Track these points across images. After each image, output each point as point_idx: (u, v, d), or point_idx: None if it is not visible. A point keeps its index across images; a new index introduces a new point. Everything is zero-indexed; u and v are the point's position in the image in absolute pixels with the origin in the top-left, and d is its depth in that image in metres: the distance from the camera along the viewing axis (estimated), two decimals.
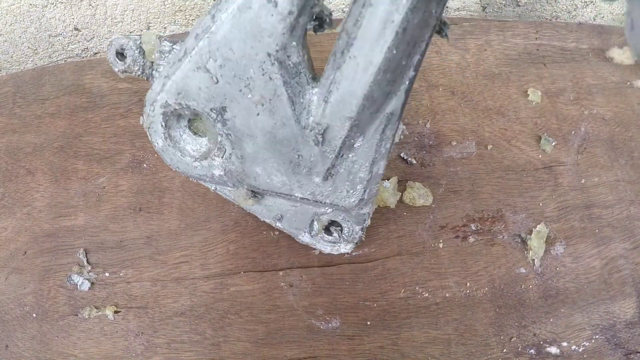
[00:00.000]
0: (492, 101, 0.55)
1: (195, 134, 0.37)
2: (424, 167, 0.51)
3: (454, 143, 0.52)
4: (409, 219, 0.49)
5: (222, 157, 0.37)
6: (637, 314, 0.46)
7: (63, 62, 0.66)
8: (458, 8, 0.66)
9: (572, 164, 0.52)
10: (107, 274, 0.47)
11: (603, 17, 0.68)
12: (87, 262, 0.48)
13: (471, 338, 0.45)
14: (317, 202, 0.39)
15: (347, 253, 0.46)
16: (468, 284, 0.47)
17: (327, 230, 0.43)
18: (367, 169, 0.36)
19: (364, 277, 0.47)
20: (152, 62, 0.36)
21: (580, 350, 0.45)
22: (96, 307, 0.46)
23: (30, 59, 0.65)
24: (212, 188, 0.41)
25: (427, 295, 0.46)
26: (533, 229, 0.48)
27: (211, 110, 0.34)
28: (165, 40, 0.35)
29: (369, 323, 0.46)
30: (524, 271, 0.47)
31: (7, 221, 0.50)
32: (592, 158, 0.52)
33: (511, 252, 0.48)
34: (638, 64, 0.57)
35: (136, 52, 0.36)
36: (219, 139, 0.36)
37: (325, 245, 0.44)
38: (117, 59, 0.37)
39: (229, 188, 0.40)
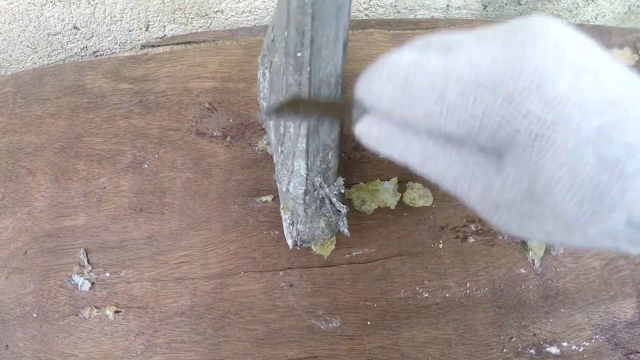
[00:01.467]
0: None
1: None
2: None
3: None
4: (409, 219, 0.49)
5: None
6: (637, 314, 0.46)
7: (62, 61, 0.66)
8: (459, 7, 0.66)
9: None
10: (107, 274, 0.47)
11: (605, 15, 0.67)
12: (88, 262, 0.48)
13: (471, 338, 0.45)
14: (280, 143, 0.42)
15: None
16: (468, 284, 0.47)
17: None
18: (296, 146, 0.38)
19: (364, 277, 0.47)
20: None
21: (580, 350, 0.45)
22: (97, 307, 0.46)
23: (29, 58, 0.65)
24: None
25: (427, 295, 0.46)
26: None
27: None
28: None
29: (369, 323, 0.46)
30: (524, 271, 0.47)
31: (7, 221, 0.50)
32: None
33: (511, 253, 0.48)
34: (638, 64, 0.57)
35: None
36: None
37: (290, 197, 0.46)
38: None
39: None
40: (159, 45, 0.59)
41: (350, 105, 0.27)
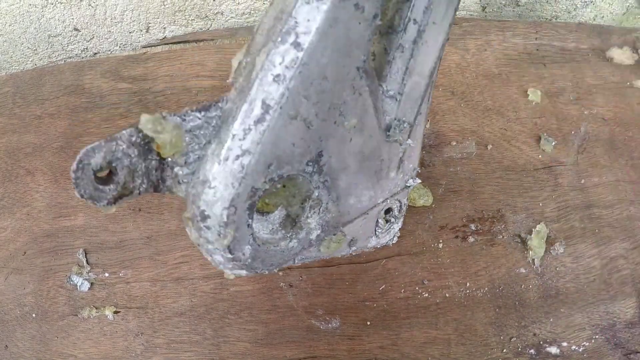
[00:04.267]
0: (492, 101, 0.55)
1: (263, 214, 0.30)
2: (424, 167, 0.51)
3: (454, 143, 0.52)
4: (408, 219, 0.49)
5: (319, 213, 0.30)
6: (637, 314, 0.46)
7: (62, 62, 0.66)
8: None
9: (572, 164, 0.52)
10: (106, 274, 0.47)
11: (603, 17, 0.68)
12: (87, 262, 0.48)
13: (471, 338, 0.45)
14: (392, 196, 0.37)
15: (392, 240, 0.45)
16: (468, 284, 0.47)
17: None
18: (420, 139, 0.37)
19: (363, 277, 0.47)
20: (164, 159, 0.25)
21: (580, 350, 0.45)
22: (96, 308, 0.46)
23: (30, 59, 0.65)
24: (297, 262, 0.33)
25: (427, 295, 0.46)
26: (533, 229, 0.48)
27: (307, 164, 0.27)
28: (188, 112, 0.25)
29: (368, 323, 0.45)
30: (524, 271, 0.47)
31: (6, 221, 0.50)
32: (592, 158, 0.52)
33: (511, 252, 0.48)
34: (638, 63, 0.57)
35: (134, 155, 0.24)
36: (316, 194, 0.29)
37: (384, 236, 0.42)
38: (99, 187, 0.23)
39: (312, 248, 0.33)
40: (158, 45, 0.59)
41: None
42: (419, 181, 0.40)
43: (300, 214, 0.30)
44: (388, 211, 0.41)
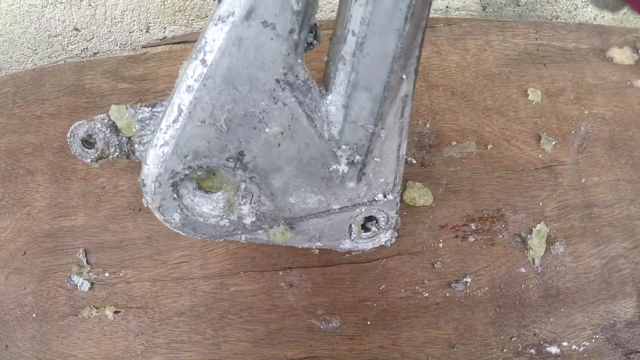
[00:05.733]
0: (492, 101, 0.55)
1: (207, 192, 0.36)
2: (424, 167, 0.51)
3: (454, 143, 0.52)
4: (409, 218, 0.49)
5: (251, 203, 0.35)
6: (638, 313, 0.46)
7: (63, 62, 0.66)
8: (458, 8, 0.66)
9: (572, 164, 0.52)
10: (107, 274, 0.47)
11: (603, 17, 0.68)
12: (87, 262, 0.48)
13: (471, 338, 0.45)
14: (355, 205, 0.38)
15: (390, 241, 0.44)
16: (468, 284, 0.47)
17: (364, 228, 0.42)
18: (395, 155, 0.36)
19: (364, 277, 0.47)
20: (130, 137, 0.34)
21: (580, 350, 0.45)
22: (96, 307, 0.46)
23: (30, 59, 0.65)
24: (243, 239, 0.39)
25: (427, 295, 0.46)
26: (533, 229, 0.48)
27: (227, 160, 0.32)
28: (140, 107, 0.33)
29: (369, 323, 0.46)
30: (524, 271, 0.47)
31: (6, 221, 0.50)
32: (592, 157, 0.52)
33: (511, 252, 0.48)
34: (638, 63, 0.57)
35: (107, 132, 0.33)
36: (243, 186, 0.34)
37: (366, 243, 0.43)
38: (85, 149, 0.34)
39: (260, 232, 0.38)
40: (158, 45, 0.59)
41: None
42: (392, 198, 0.39)
43: (235, 201, 0.36)
44: (371, 219, 0.42)
